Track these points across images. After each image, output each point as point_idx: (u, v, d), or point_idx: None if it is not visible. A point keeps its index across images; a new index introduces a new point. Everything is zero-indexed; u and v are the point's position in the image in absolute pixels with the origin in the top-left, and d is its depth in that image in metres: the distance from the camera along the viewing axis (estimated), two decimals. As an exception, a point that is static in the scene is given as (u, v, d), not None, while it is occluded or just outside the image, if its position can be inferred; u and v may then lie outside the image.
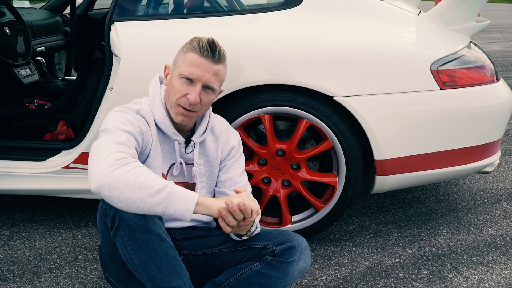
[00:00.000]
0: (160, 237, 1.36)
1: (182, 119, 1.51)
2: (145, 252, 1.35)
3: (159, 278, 1.37)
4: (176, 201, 1.25)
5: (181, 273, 1.40)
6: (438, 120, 1.91)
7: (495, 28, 13.25)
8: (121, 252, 1.39)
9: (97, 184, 1.24)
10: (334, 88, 1.85)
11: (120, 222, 1.34)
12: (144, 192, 1.24)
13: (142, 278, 1.39)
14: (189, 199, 1.27)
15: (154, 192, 1.24)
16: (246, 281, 1.48)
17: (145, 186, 1.23)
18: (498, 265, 2.02)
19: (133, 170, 1.25)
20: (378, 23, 1.97)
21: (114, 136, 1.37)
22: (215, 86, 1.51)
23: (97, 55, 2.91)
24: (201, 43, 1.48)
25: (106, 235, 1.43)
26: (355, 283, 1.89)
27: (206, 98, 1.51)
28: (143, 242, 1.34)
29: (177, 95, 1.49)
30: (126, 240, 1.36)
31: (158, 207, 1.25)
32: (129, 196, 1.24)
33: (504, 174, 3.02)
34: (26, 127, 2.66)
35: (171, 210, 1.25)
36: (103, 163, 1.26)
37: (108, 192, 1.24)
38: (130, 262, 1.38)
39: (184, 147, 1.59)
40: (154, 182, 1.25)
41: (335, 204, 2.03)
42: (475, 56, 2.01)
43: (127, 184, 1.23)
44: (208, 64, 1.48)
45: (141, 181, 1.24)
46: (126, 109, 1.50)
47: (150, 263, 1.36)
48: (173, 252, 1.39)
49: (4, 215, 2.40)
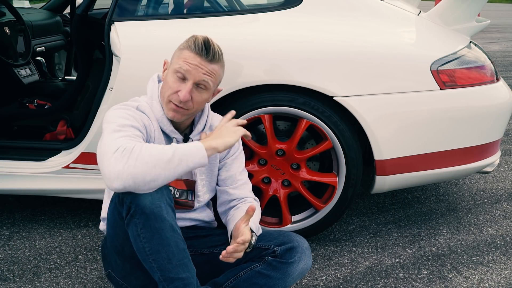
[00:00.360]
0: (172, 228, 1.38)
1: (173, 115, 1.52)
2: (157, 241, 1.36)
3: (169, 269, 1.38)
4: (189, 158, 1.36)
5: (190, 266, 1.41)
6: (438, 120, 1.91)
7: (495, 28, 13.25)
8: (133, 241, 1.39)
9: (120, 181, 1.29)
10: (334, 88, 1.85)
11: (137, 209, 1.35)
12: (161, 165, 1.31)
13: (152, 268, 1.39)
14: (197, 151, 1.38)
15: (169, 158, 1.33)
16: (247, 281, 1.49)
17: (159, 159, 1.31)
18: (498, 265, 2.02)
19: (143, 149, 1.31)
20: (378, 23, 1.97)
21: (119, 132, 1.39)
22: (207, 85, 1.51)
23: (97, 55, 2.91)
24: (196, 41, 1.49)
25: (118, 226, 1.44)
26: (355, 283, 1.89)
27: (198, 97, 1.51)
28: (156, 231, 1.35)
29: (169, 91, 1.50)
30: (140, 228, 1.36)
31: (180, 168, 1.34)
32: (152, 174, 1.30)
33: (504, 174, 3.02)
34: (26, 127, 2.66)
35: (190, 164, 1.37)
36: (113, 160, 1.30)
37: (133, 183, 1.29)
38: (142, 250, 1.38)
39: None
40: (163, 151, 1.33)
41: (335, 204, 2.03)
42: (475, 56, 2.01)
43: (146, 165, 1.29)
44: (202, 62, 1.48)
45: (154, 157, 1.31)
46: (126, 106, 1.52)
47: (162, 252, 1.37)
48: (183, 245, 1.41)
49: (4, 215, 2.40)
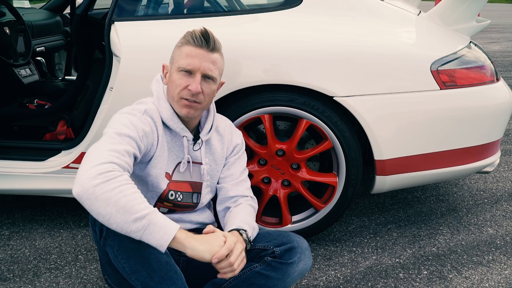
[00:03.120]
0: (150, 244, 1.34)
1: (187, 112, 1.50)
2: (136, 261, 1.33)
3: (152, 286, 1.36)
4: (151, 234, 1.22)
5: (175, 278, 1.38)
6: (438, 120, 1.91)
7: (495, 28, 13.25)
8: (113, 261, 1.38)
9: (79, 192, 1.22)
10: (334, 88, 1.85)
11: (109, 231, 1.32)
12: (122, 217, 1.20)
13: (136, 285, 1.39)
14: (165, 235, 1.23)
15: (131, 220, 1.21)
16: (246, 281, 1.48)
17: (124, 211, 1.20)
18: (498, 265, 2.02)
19: (117, 189, 1.21)
20: (378, 23, 1.97)
21: (113, 141, 1.34)
22: (214, 74, 1.51)
23: (97, 55, 2.91)
24: (194, 34, 1.49)
25: (98, 242, 1.42)
26: (355, 283, 1.89)
27: (207, 88, 1.51)
28: (133, 251, 1.32)
29: (178, 88, 1.49)
30: (116, 250, 1.34)
31: (133, 235, 1.23)
32: (107, 216, 1.21)
33: (504, 174, 3.02)
34: (26, 127, 2.66)
35: (146, 240, 1.23)
36: (91, 171, 1.22)
37: (89, 204, 1.22)
38: (122, 270, 1.38)
39: (192, 144, 1.60)
40: (135, 208, 1.21)
41: (335, 204, 2.03)
42: (475, 56, 2.01)
43: (107, 204, 1.20)
44: (204, 53, 1.48)
45: (122, 205, 1.20)
46: (133, 111, 1.48)
47: (142, 271, 1.34)
48: (166, 257, 1.36)
49: (4, 215, 2.39)
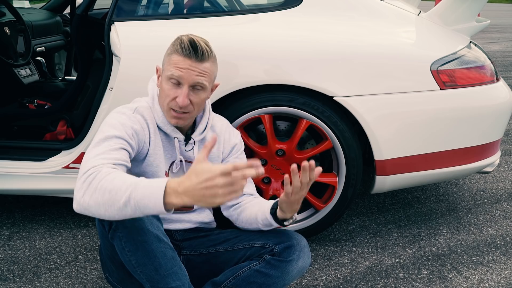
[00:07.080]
0: (158, 238, 1.36)
1: (176, 122, 1.51)
2: (142, 254, 1.35)
3: (158, 279, 1.36)
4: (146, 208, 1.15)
5: (180, 273, 1.39)
6: (438, 120, 1.91)
7: (495, 28, 13.25)
8: (119, 254, 1.39)
9: (76, 207, 1.24)
10: (334, 88, 1.85)
11: (118, 224, 1.34)
12: (114, 209, 1.18)
13: (141, 279, 1.39)
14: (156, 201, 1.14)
15: (121, 208, 1.17)
16: (246, 280, 1.48)
17: (112, 203, 1.18)
18: (498, 265, 2.02)
19: (98, 187, 1.19)
20: (378, 23, 1.97)
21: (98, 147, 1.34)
22: (203, 85, 1.48)
23: (97, 55, 2.91)
24: (182, 43, 1.45)
25: (105, 237, 1.43)
26: (355, 283, 1.89)
27: (196, 98, 1.48)
28: (140, 243, 1.34)
29: (167, 99, 1.48)
30: (124, 242, 1.35)
31: (135, 216, 1.20)
32: (107, 214, 1.21)
33: (504, 174, 3.02)
34: (26, 127, 2.66)
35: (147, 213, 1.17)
36: (77, 185, 1.24)
37: (90, 214, 1.23)
38: (128, 263, 1.38)
39: (184, 144, 1.60)
40: (119, 195, 1.17)
41: (335, 204, 2.03)
42: (475, 56, 2.01)
43: (99, 205, 1.19)
44: (192, 63, 1.44)
45: (107, 200, 1.18)
46: (123, 109, 1.50)
47: (148, 264, 1.35)
48: (172, 253, 1.39)
49: (4, 215, 2.39)
